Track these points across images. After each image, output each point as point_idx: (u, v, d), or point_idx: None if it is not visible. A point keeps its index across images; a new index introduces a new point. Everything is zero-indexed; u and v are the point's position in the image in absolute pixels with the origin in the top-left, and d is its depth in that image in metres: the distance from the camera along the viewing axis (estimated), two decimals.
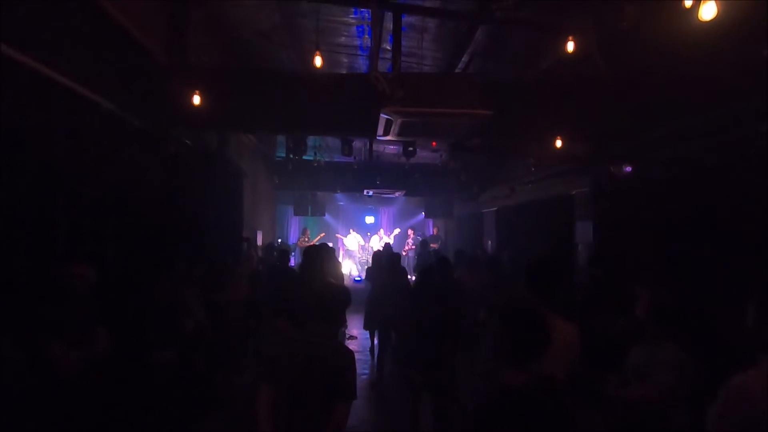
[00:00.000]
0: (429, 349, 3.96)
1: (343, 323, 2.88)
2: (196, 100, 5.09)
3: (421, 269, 4.70)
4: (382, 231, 15.93)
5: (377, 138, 5.08)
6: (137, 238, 4.46)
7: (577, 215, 6.83)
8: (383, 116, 4.06)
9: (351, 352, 2.46)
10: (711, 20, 3.11)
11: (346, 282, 9.29)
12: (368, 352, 7.11)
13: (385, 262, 6.87)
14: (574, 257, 6.70)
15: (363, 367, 6.65)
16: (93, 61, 3.92)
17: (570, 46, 4.18)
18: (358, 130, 5.71)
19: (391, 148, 10.75)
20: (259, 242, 9.94)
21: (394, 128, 4.23)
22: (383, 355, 6.36)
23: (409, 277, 6.89)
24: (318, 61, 5.05)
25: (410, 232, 15.26)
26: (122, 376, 3.21)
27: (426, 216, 15.05)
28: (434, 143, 6.99)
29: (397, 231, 16.00)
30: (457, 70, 6.65)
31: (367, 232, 16.11)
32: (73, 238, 3.53)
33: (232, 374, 4.95)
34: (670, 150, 4.84)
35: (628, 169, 5.28)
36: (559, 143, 5.54)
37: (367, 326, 6.90)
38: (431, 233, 15.00)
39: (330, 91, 5.31)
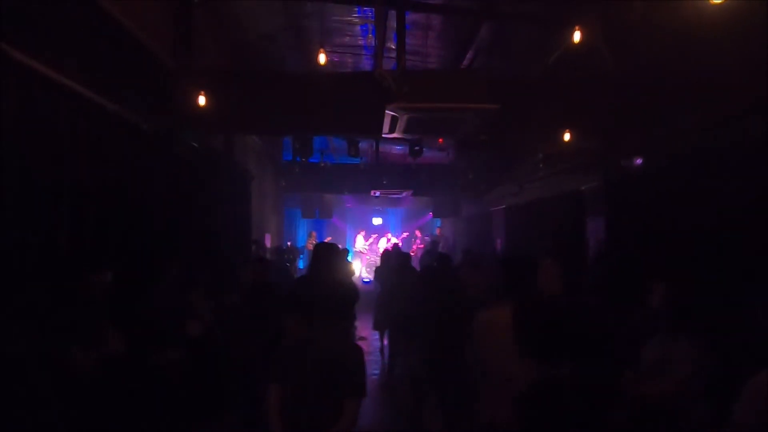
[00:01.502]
0: (433, 348, 3.92)
1: (352, 319, 2.86)
2: (202, 102, 5.10)
3: (423, 268, 4.67)
4: (389, 234, 15.90)
5: (383, 135, 5.05)
6: (145, 240, 4.46)
7: (587, 211, 6.74)
8: (389, 112, 4.03)
9: (360, 349, 2.42)
10: (723, 7, 3.05)
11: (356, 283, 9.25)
12: (378, 353, 7.07)
13: (394, 261, 6.83)
14: (585, 253, 6.61)
15: (373, 367, 6.62)
16: (99, 64, 3.93)
17: (577, 36, 4.11)
18: (364, 128, 5.69)
19: (398, 149, 10.72)
20: (268, 245, 9.94)
21: (400, 124, 4.20)
22: (393, 355, 6.31)
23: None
24: (322, 58, 5.03)
25: (418, 233, 15.25)
26: (129, 377, 3.20)
27: (434, 216, 14.99)
28: (441, 140, 6.94)
29: (405, 234, 15.96)
30: (461, 67, 6.61)
31: (373, 233, 16.09)
32: (79, 240, 3.53)
33: (240, 376, 4.93)
34: (682, 142, 4.75)
35: (639, 161, 5.19)
36: (567, 137, 5.47)
37: (376, 327, 6.87)
38: (435, 234, 14.95)
39: (335, 90, 5.29)
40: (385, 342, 6.81)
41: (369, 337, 7.74)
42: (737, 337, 3.27)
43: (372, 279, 9.84)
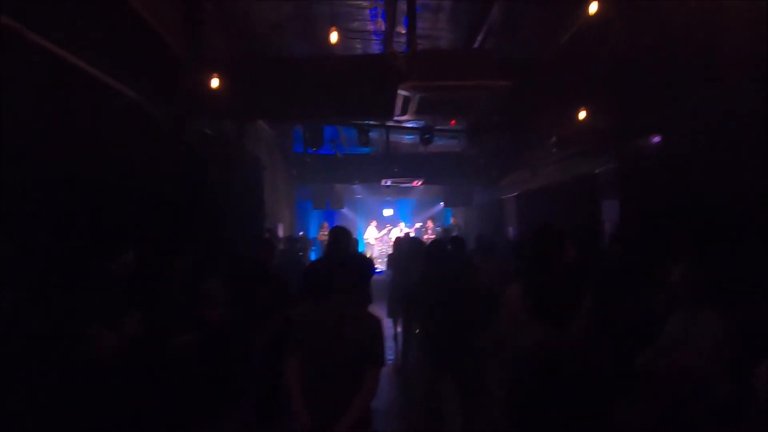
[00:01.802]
0: (444, 331, 3.91)
1: (368, 299, 2.86)
2: (214, 88, 5.12)
3: (433, 245, 4.60)
4: (402, 224, 15.86)
5: (395, 119, 5.02)
6: (159, 226, 4.49)
7: (602, 193, 6.65)
8: (401, 93, 4.00)
9: (377, 319, 2.42)
10: None
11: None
12: (392, 340, 7.09)
13: (407, 249, 6.82)
14: (600, 237, 6.53)
15: (387, 353, 6.64)
16: (112, 50, 3.95)
17: (593, 7, 4.03)
18: (375, 112, 5.66)
19: (408, 138, 10.67)
20: (280, 234, 10.00)
21: (412, 106, 4.16)
22: (407, 341, 6.32)
23: None
24: (334, 36, 4.97)
25: (429, 223, 15.21)
26: (147, 359, 3.23)
27: (445, 205, 14.90)
28: (453, 122, 6.88)
29: (418, 224, 15.92)
30: None
31: (385, 224, 16.06)
32: (93, 226, 3.56)
33: (253, 359, 4.96)
34: (698, 122, 4.65)
35: (657, 139, 5.09)
36: (581, 117, 5.39)
37: (390, 314, 6.88)
38: (450, 224, 14.90)
39: (346, 74, 5.27)
40: (399, 329, 6.81)
41: (383, 324, 7.75)
42: (757, 314, 3.21)
43: (384, 268, 9.83)
